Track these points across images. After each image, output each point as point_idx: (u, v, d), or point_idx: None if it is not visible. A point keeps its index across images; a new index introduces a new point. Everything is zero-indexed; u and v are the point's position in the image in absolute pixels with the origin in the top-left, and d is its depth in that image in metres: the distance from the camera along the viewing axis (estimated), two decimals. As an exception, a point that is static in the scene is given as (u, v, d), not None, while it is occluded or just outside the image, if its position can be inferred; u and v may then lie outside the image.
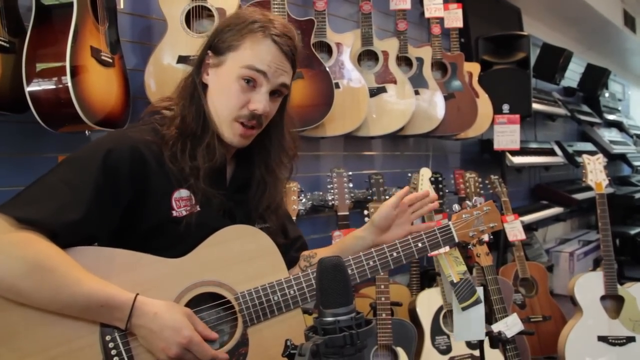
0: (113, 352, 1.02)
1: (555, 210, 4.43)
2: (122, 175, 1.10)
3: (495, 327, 1.71)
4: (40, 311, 1.01)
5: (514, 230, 3.11)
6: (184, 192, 1.17)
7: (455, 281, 1.34)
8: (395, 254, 1.26)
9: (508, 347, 1.75)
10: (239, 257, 1.17)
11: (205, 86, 1.21)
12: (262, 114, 1.18)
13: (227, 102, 1.18)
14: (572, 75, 5.35)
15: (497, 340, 1.68)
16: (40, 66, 1.53)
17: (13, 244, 0.98)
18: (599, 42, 5.82)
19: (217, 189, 1.19)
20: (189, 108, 1.18)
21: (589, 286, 2.62)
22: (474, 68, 3.40)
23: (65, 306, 1.00)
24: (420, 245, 1.27)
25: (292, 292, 1.17)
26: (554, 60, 4.47)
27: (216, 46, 1.19)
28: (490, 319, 1.82)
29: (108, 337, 1.03)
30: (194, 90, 1.19)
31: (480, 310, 1.36)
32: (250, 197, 1.28)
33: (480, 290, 1.39)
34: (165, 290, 1.10)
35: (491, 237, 1.48)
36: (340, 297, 0.82)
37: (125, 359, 1.03)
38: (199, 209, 1.17)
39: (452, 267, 1.33)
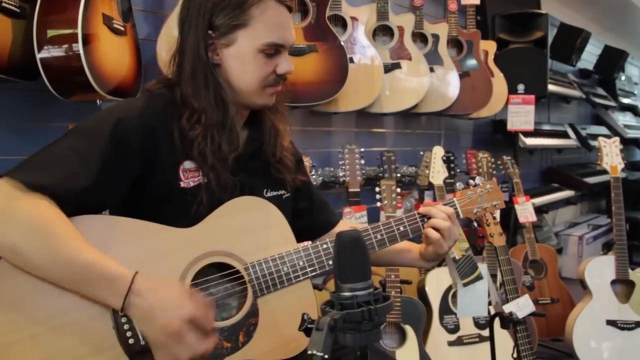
0: (123, 319, 1.02)
1: (566, 193, 4.39)
2: (131, 146, 1.08)
3: (507, 308, 1.71)
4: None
5: (525, 212, 3.08)
6: (190, 164, 1.16)
7: (457, 257, 1.36)
8: (402, 228, 1.27)
9: (519, 328, 1.74)
10: (248, 228, 1.16)
11: (215, 66, 1.18)
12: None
13: (253, 75, 1.18)
14: (588, 56, 5.25)
15: (508, 321, 1.68)
16: (51, 33, 1.51)
17: (20, 205, 0.97)
18: (618, 23, 5.69)
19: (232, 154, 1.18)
20: (206, 97, 1.15)
21: (599, 270, 2.60)
22: (490, 46, 3.34)
23: (62, 272, 0.98)
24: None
25: (301, 263, 1.17)
26: (571, 41, 4.38)
27: (218, 26, 1.15)
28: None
29: None
30: (206, 75, 1.16)
31: (483, 286, 1.37)
32: (265, 144, 1.27)
33: (483, 267, 1.40)
34: (175, 259, 1.09)
35: (494, 216, 1.48)
36: (358, 272, 0.80)
37: (136, 327, 1.02)
38: (206, 180, 1.15)
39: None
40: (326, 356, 0.72)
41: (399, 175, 2.41)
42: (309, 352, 0.72)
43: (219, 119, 1.15)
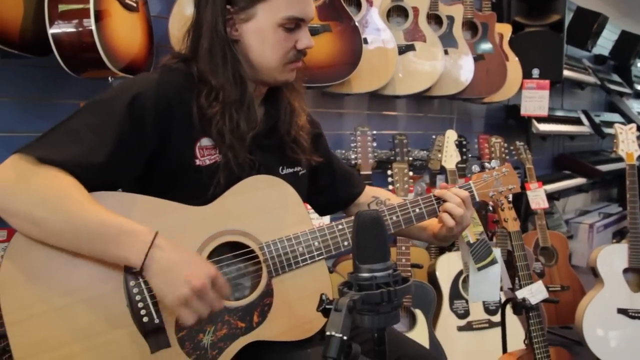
0: (138, 297, 1.01)
1: (578, 180, 4.35)
2: (147, 122, 1.07)
3: (520, 294, 1.69)
4: (64, 255, 0.99)
5: (537, 198, 3.05)
6: (207, 141, 1.14)
7: (472, 241, 1.35)
8: (417, 210, 1.25)
9: (531, 314, 1.72)
10: (264, 207, 1.14)
11: (234, 42, 1.15)
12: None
13: (274, 52, 1.15)
14: (604, 42, 5.15)
15: (521, 307, 1.66)
16: (62, 7, 1.49)
17: (34, 175, 0.97)
18: (636, 7, 5.57)
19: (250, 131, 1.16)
20: (224, 74, 1.12)
21: (612, 258, 2.57)
22: (505, 29, 3.28)
23: (78, 233, 0.96)
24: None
25: (316, 243, 1.15)
26: (587, 26, 4.29)
27: (237, 0, 1.12)
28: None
29: (132, 283, 1.01)
30: (224, 52, 1.13)
31: (496, 271, 1.37)
32: (281, 122, 1.24)
33: (497, 252, 1.39)
34: (190, 237, 1.08)
35: (509, 199, 1.47)
36: (377, 253, 0.78)
37: (150, 305, 1.01)
38: (222, 158, 1.14)
39: (469, 227, 1.33)
40: (345, 337, 0.70)
41: (410, 158, 2.39)
42: (328, 333, 0.71)
43: (237, 96, 1.13)
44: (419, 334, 2.17)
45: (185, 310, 0.98)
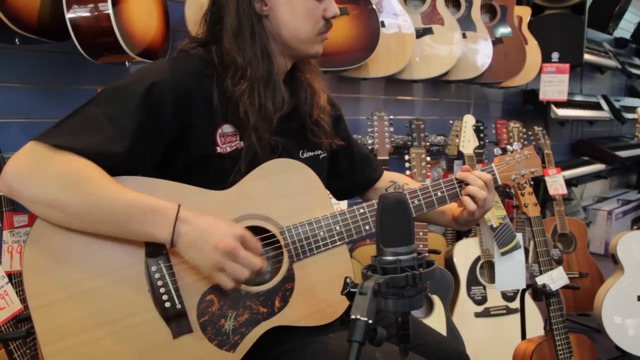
0: (159, 282, 1.01)
1: (597, 167, 4.28)
2: (165, 111, 1.05)
3: (540, 280, 1.67)
4: (85, 240, 0.99)
5: (556, 184, 3.00)
6: (228, 128, 1.12)
7: (494, 225, 1.33)
8: (439, 194, 1.24)
9: (552, 300, 1.70)
10: (284, 191, 1.13)
11: (263, 17, 1.14)
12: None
13: (306, 22, 1.15)
14: (626, 25, 5.03)
15: (541, 293, 1.64)
16: (80, -8, 1.48)
17: (53, 160, 0.96)
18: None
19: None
20: (252, 50, 1.11)
21: (632, 245, 2.53)
22: (525, 12, 3.22)
23: (104, 215, 0.96)
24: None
25: (337, 227, 1.14)
26: (609, 7, 4.19)
27: None
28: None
29: (154, 268, 1.01)
30: (252, 28, 1.12)
31: (520, 256, 1.34)
32: (301, 104, 1.23)
33: (519, 236, 1.36)
34: None
35: (532, 183, 1.44)
36: (401, 236, 0.77)
37: (172, 290, 1.01)
38: (243, 144, 1.12)
39: (491, 211, 1.31)
40: (370, 321, 0.70)
41: (427, 144, 2.36)
42: (353, 316, 0.70)
43: (264, 72, 1.11)
44: (436, 320, 2.16)
45: (222, 275, 0.99)
